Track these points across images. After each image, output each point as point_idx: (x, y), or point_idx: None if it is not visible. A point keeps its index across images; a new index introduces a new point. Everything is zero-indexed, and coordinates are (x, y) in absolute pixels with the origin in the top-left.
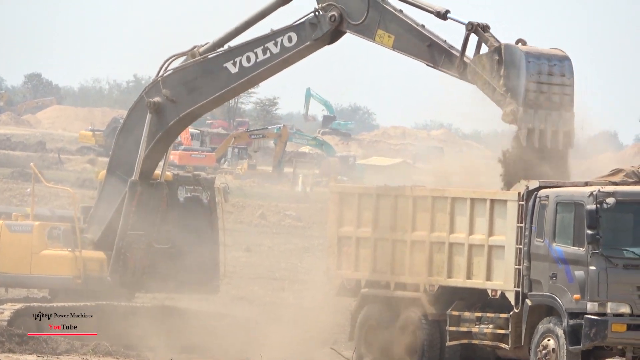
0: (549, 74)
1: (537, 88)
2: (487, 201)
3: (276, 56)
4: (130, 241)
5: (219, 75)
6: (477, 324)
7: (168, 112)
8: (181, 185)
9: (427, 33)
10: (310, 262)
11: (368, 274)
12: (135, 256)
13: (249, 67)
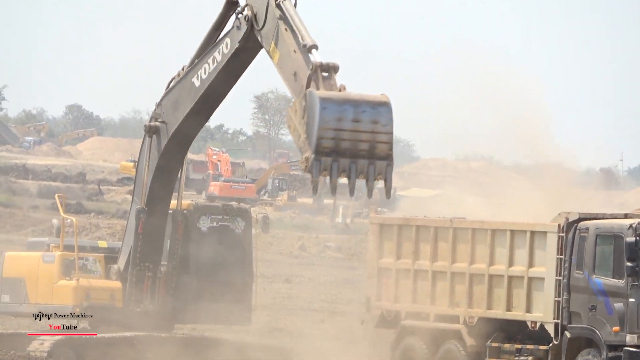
0: (355, 121)
1: (334, 135)
2: (527, 233)
3: (219, 64)
4: (142, 269)
5: (189, 90)
6: (517, 356)
7: (162, 134)
8: (205, 214)
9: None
10: (350, 293)
11: (408, 306)
12: (148, 285)
13: (204, 79)
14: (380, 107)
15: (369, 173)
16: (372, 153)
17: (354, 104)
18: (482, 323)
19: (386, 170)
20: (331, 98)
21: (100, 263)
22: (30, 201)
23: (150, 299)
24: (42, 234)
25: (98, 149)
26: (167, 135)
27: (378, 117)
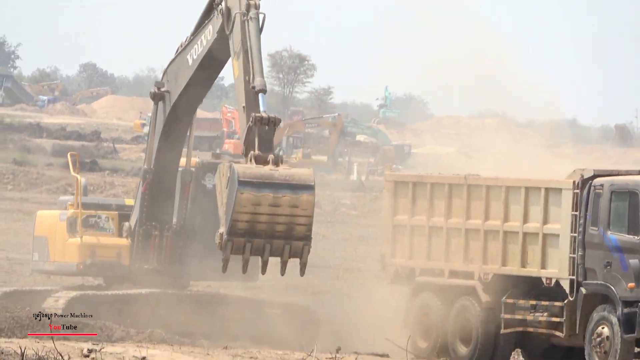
0: (273, 206)
1: (250, 218)
2: (542, 190)
3: (205, 48)
4: (148, 228)
5: (185, 65)
6: (531, 312)
7: (167, 102)
8: (211, 171)
9: (249, 104)
10: (364, 250)
11: (422, 262)
12: (156, 243)
13: (195, 59)
14: (301, 191)
15: (283, 252)
16: (289, 234)
17: (274, 187)
18: (496, 279)
19: (302, 250)
20: (251, 182)
21: (114, 221)
22: (44, 159)
23: (157, 257)
24: (57, 192)
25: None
26: (170, 104)
27: (298, 202)
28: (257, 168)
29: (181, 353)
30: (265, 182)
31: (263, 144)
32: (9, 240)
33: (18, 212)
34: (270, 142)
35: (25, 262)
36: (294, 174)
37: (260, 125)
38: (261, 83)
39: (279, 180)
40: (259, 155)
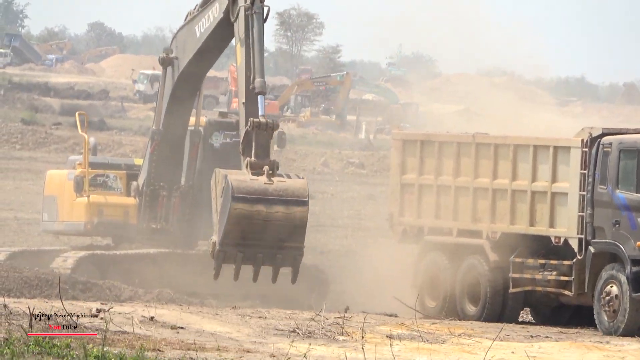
0: (266, 220)
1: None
2: (550, 148)
3: (211, 25)
4: (156, 189)
5: (193, 37)
6: (540, 271)
7: (175, 68)
8: (218, 130)
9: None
10: (373, 209)
11: (430, 221)
12: (163, 203)
13: (202, 32)
14: (294, 206)
15: (275, 261)
16: (281, 245)
17: (267, 203)
18: (505, 238)
19: (295, 259)
20: (244, 197)
21: (122, 180)
22: (52, 119)
23: (165, 217)
24: (65, 151)
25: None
26: (178, 70)
27: (291, 217)
28: (252, 182)
29: (189, 313)
30: (259, 197)
31: (260, 151)
32: (17, 199)
33: (26, 171)
34: (267, 148)
35: (33, 222)
36: (288, 187)
37: (257, 130)
38: (261, 85)
39: (273, 195)
40: (254, 163)
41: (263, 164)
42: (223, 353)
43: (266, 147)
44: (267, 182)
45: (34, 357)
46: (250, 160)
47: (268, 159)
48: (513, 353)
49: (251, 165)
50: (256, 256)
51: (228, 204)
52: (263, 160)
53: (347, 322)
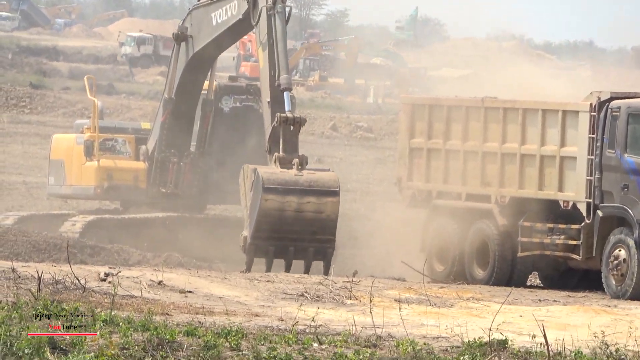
0: (297, 212)
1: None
2: (559, 112)
3: (229, 19)
4: (167, 156)
5: (209, 23)
6: (548, 235)
7: (189, 46)
8: (228, 94)
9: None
10: (381, 173)
11: (439, 185)
12: (173, 170)
13: (220, 23)
14: (326, 197)
15: (307, 254)
16: (312, 238)
17: (298, 194)
18: (513, 202)
19: (326, 254)
20: (276, 188)
21: (131, 144)
22: (61, 83)
23: (175, 182)
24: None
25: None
26: (192, 49)
27: (323, 208)
28: (282, 173)
29: (198, 277)
30: (290, 188)
31: (288, 146)
32: (26, 164)
33: (35, 135)
34: (295, 144)
35: (42, 186)
36: (319, 179)
37: (285, 125)
38: (286, 81)
39: (304, 186)
40: (283, 157)
41: (292, 158)
42: (231, 317)
43: (294, 142)
44: (297, 174)
45: (42, 321)
46: (279, 155)
47: (297, 153)
48: (521, 317)
49: (280, 161)
50: (288, 250)
51: (259, 196)
52: (292, 155)
53: (355, 286)
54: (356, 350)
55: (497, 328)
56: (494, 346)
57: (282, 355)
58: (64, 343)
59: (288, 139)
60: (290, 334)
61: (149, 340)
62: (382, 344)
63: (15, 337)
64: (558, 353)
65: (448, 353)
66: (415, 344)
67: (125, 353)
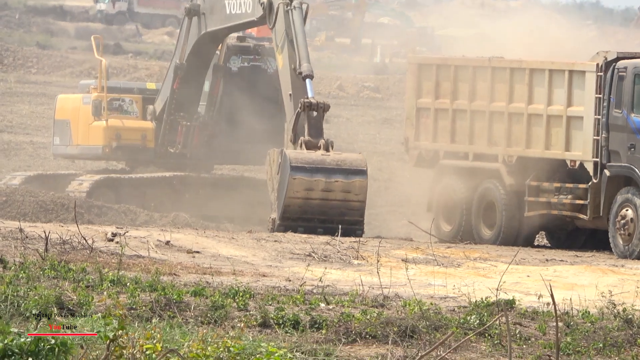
0: (326, 191)
1: (302, 204)
2: (566, 72)
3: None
4: (176, 118)
5: (221, 10)
6: (555, 195)
7: (201, 21)
8: (236, 54)
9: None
10: (388, 133)
11: (446, 145)
12: (182, 131)
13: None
14: (354, 176)
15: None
16: (341, 219)
17: (326, 173)
18: (520, 162)
19: (355, 235)
20: (303, 167)
21: (138, 104)
22: (68, 42)
23: (184, 143)
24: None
25: None
26: (205, 27)
27: (351, 187)
28: (309, 153)
29: (205, 237)
30: (318, 167)
31: (313, 130)
32: (33, 124)
33: (42, 95)
34: (320, 128)
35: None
36: (346, 158)
37: (309, 110)
38: (308, 69)
39: (332, 165)
40: (309, 141)
41: (317, 142)
42: (239, 277)
43: (319, 127)
44: (325, 154)
45: (49, 281)
46: (305, 139)
47: (322, 137)
48: (528, 276)
49: (306, 144)
50: (316, 231)
51: (287, 175)
52: (317, 139)
53: (362, 246)
54: (363, 310)
55: (504, 288)
56: (501, 306)
57: (290, 315)
58: (71, 303)
59: (312, 124)
60: (297, 294)
61: (156, 300)
62: (389, 304)
63: (22, 297)
64: (565, 313)
65: (455, 313)
66: (422, 304)
67: (132, 313)
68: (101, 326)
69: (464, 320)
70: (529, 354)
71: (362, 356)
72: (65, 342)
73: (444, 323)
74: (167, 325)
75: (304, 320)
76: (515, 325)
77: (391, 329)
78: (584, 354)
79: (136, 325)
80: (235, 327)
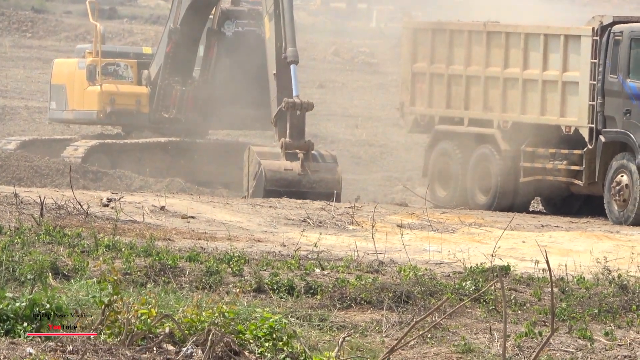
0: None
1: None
2: (561, 37)
3: None
4: (170, 83)
5: None
6: (551, 160)
7: None
8: (230, 19)
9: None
10: (384, 98)
11: (442, 110)
12: (177, 96)
13: None
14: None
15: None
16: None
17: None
18: (516, 127)
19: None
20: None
21: (133, 69)
22: (63, 7)
23: (178, 108)
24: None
25: None
26: None
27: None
28: (285, 172)
29: (200, 202)
30: (292, 190)
31: (294, 131)
32: (28, 88)
33: (37, 59)
34: (302, 130)
35: (44, 111)
36: (322, 180)
37: (292, 111)
38: (293, 54)
39: (306, 188)
40: (289, 144)
41: (298, 145)
42: (234, 242)
43: (301, 128)
44: (301, 172)
45: (44, 246)
46: (286, 141)
47: (303, 139)
48: (523, 242)
49: (286, 146)
50: None
51: (260, 192)
52: (298, 142)
53: (357, 211)
54: (358, 275)
55: (499, 254)
56: (496, 272)
57: (285, 280)
58: (67, 269)
59: (295, 125)
60: (292, 260)
61: (151, 265)
62: (384, 270)
63: (17, 263)
64: (560, 279)
65: (450, 279)
66: (417, 270)
67: (127, 278)
68: (96, 291)
69: (459, 286)
70: (524, 319)
71: (357, 322)
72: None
73: (439, 289)
74: (162, 290)
75: (299, 285)
76: (511, 291)
77: (386, 294)
78: (579, 319)
79: (131, 290)
80: (230, 292)
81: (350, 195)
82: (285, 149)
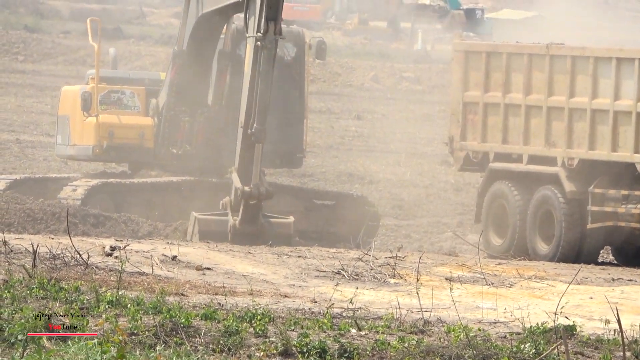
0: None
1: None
2: (636, 61)
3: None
4: (177, 114)
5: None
6: (623, 204)
7: (199, 4)
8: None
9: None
10: (430, 132)
11: (497, 146)
12: (185, 129)
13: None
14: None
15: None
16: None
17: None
18: (583, 165)
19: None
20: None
21: (140, 97)
22: (60, 25)
23: (188, 141)
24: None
25: None
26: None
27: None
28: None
29: (218, 251)
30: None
31: (247, 216)
32: (20, 119)
33: (30, 87)
34: (256, 216)
35: (38, 145)
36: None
37: (246, 201)
38: (259, 134)
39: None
40: (239, 229)
41: (250, 230)
42: (257, 298)
43: (255, 215)
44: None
45: (37, 302)
46: (235, 224)
47: (256, 226)
48: (591, 298)
49: (234, 231)
50: None
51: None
52: (250, 227)
53: (399, 262)
54: (401, 337)
55: (564, 311)
56: (560, 332)
57: (315, 342)
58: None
59: (248, 211)
60: (324, 318)
61: (161, 324)
62: (430, 330)
63: (7, 321)
64: (634, 341)
65: (507, 340)
66: (468, 330)
67: (134, 339)
68: (97, 354)
69: (516, 349)
70: None
71: None
72: None
73: (493, 352)
74: (174, 353)
75: (332, 348)
76: (577, 354)
77: (433, 358)
78: None
79: (138, 353)
80: (253, 356)
81: (392, 243)
82: (233, 234)
